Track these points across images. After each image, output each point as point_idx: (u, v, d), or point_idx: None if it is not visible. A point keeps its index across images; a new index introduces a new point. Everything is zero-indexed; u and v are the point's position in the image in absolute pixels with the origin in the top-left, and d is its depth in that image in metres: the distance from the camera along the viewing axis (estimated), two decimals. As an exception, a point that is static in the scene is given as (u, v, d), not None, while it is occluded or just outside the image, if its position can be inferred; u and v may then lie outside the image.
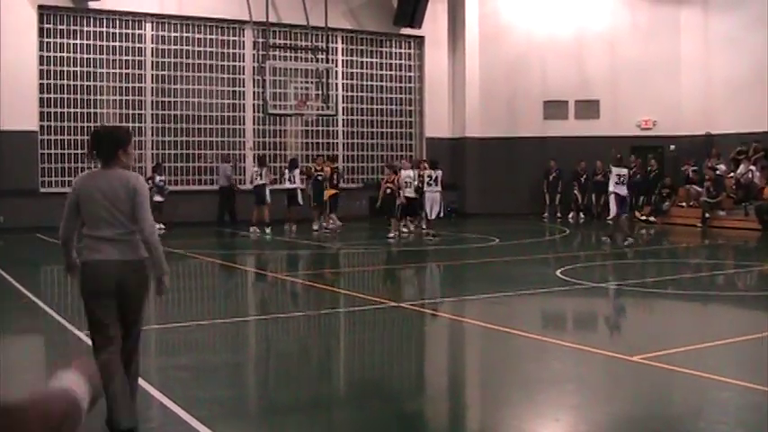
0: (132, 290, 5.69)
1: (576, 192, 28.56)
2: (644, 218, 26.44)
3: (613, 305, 12.07)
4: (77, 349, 8.57)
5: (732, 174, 25.40)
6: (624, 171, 19.69)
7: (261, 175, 23.29)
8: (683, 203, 26.47)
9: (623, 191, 19.36)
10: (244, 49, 27.16)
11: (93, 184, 5.73)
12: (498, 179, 26.40)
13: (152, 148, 25.91)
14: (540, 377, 7.54)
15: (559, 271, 14.29)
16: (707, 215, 24.62)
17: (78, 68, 24.81)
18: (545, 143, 28.75)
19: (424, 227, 21.57)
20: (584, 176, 28.39)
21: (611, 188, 19.55)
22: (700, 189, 25.62)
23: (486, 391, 7.44)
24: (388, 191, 21.53)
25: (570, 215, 28.16)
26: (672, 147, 29.03)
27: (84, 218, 5.76)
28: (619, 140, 28.45)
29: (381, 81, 29.55)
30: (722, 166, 25.92)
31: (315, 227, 22.94)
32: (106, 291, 5.61)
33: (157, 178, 23.77)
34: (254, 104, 27.03)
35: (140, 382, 7.00)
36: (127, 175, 5.76)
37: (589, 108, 29.56)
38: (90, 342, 5.80)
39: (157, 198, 23.48)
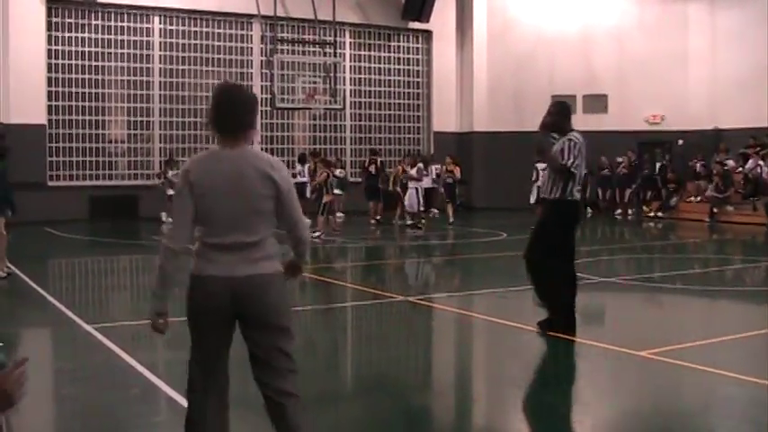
0: (264, 316, 4.17)
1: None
2: (651, 214, 26.39)
3: (620, 300, 12.04)
4: (85, 342, 8.60)
5: (740, 169, 25.34)
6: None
7: (303, 172, 23.25)
8: (692, 198, 26.41)
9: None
10: (252, 42, 27.18)
11: (215, 169, 4.12)
12: (505, 173, 26.37)
13: (160, 142, 25.94)
14: (547, 372, 7.53)
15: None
16: (714, 210, 24.56)
17: (86, 62, 24.87)
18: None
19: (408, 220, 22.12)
20: (586, 171, 28.27)
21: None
22: (708, 184, 25.56)
23: (492, 385, 7.43)
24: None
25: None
26: (680, 141, 28.98)
27: (199, 217, 4.13)
28: (627, 135, 28.50)
29: (389, 75, 29.55)
30: (731, 162, 25.86)
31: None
32: (220, 316, 4.17)
33: (170, 173, 23.82)
34: (261, 98, 26.99)
35: (148, 375, 7.04)
36: (260, 157, 4.22)
37: (597, 103, 29.51)
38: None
39: (170, 192, 23.52)
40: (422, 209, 22.10)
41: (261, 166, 4.10)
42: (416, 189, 21.92)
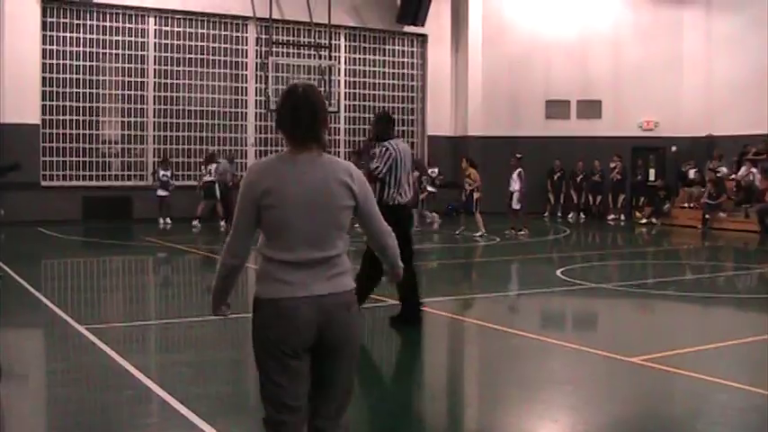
0: (343, 339, 3.78)
1: (572, 192, 28.65)
2: (644, 220, 26.44)
3: (613, 306, 12.07)
4: (78, 344, 8.60)
5: (733, 176, 25.41)
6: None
7: (211, 171, 23.65)
8: (685, 205, 26.47)
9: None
10: (247, 45, 27.16)
11: (291, 177, 3.71)
12: (499, 178, 26.34)
13: (154, 143, 25.90)
14: (539, 377, 7.55)
15: (560, 271, 14.30)
16: (707, 216, 24.63)
17: (81, 62, 24.82)
18: (546, 143, 28.74)
19: None
20: (581, 176, 28.46)
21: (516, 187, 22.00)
22: (702, 189, 25.60)
23: (484, 390, 7.45)
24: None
25: (570, 215, 28.21)
26: (673, 148, 29.04)
27: (269, 231, 3.74)
28: (620, 141, 28.54)
29: (384, 79, 29.56)
30: (724, 169, 25.92)
31: None
32: (301, 343, 3.70)
33: (161, 173, 23.84)
34: (256, 100, 27.04)
35: (141, 377, 7.04)
36: (339, 164, 3.83)
37: (591, 108, 29.56)
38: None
39: (161, 192, 23.55)
40: None
41: (340, 175, 3.75)
42: None
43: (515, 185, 22.25)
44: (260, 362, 3.78)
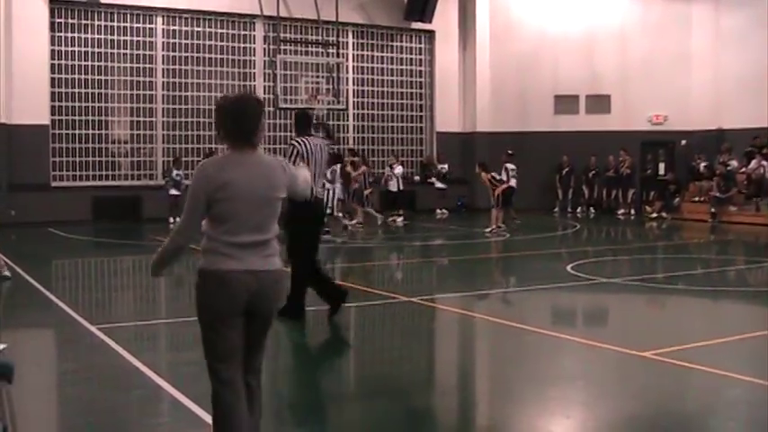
0: (271, 308, 4.55)
1: (583, 187, 28.62)
2: (654, 214, 26.36)
3: (624, 301, 12.03)
4: (89, 343, 8.61)
5: (744, 169, 25.32)
6: (514, 166, 21.74)
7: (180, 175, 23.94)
8: (696, 199, 26.39)
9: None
10: (254, 43, 27.20)
11: (237, 173, 4.34)
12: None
13: (163, 143, 25.95)
14: (550, 373, 7.53)
15: (570, 266, 14.27)
16: (713, 210, 24.55)
17: (89, 63, 24.90)
18: (556, 138, 28.70)
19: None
20: (594, 171, 28.42)
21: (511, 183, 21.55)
22: (712, 183, 25.51)
23: (496, 387, 7.43)
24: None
25: (579, 210, 28.17)
26: (683, 142, 28.95)
27: (219, 217, 4.33)
28: (630, 135, 28.51)
29: (392, 76, 29.57)
30: (734, 162, 25.83)
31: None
32: (238, 307, 4.36)
33: (174, 172, 23.88)
34: (264, 98, 26.86)
35: (152, 376, 7.06)
36: (273, 161, 4.57)
37: (600, 103, 29.51)
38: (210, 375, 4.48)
39: (174, 192, 23.55)
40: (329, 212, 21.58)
41: (277, 171, 4.46)
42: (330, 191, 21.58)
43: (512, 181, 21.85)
44: (203, 322, 4.39)
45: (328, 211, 21.28)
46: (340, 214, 21.89)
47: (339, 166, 22.83)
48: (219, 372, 4.38)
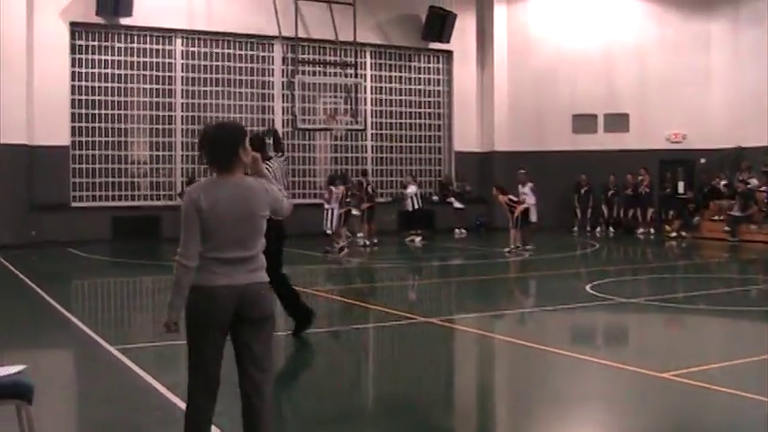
0: (258, 314, 4.78)
1: (603, 206, 28.52)
2: (674, 233, 26.20)
3: (644, 321, 11.96)
4: (107, 363, 8.63)
5: (764, 187, 25.18)
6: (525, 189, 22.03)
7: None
8: (716, 217, 26.24)
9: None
10: (273, 64, 27.34)
11: (221, 195, 4.67)
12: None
13: (182, 163, 26.09)
14: (569, 394, 7.49)
15: (589, 286, 14.21)
16: (727, 228, 24.40)
17: (109, 84, 25.10)
18: (574, 157, 28.65)
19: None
20: (613, 191, 28.33)
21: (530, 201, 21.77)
22: (732, 202, 25.39)
23: (514, 407, 7.40)
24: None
25: (598, 229, 28.07)
26: (702, 160, 28.84)
27: (205, 236, 4.65)
28: (648, 154, 28.42)
29: (410, 95, 29.64)
30: (754, 180, 25.69)
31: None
32: (224, 319, 4.68)
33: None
34: (283, 119, 27.17)
35: (171, 397, 7.05)
36: (256, 183, 4.85)
37: (618, 121, 29.47)
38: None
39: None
40: (329, 231, 21.42)
41: (258, 191, 4.77)
42: (329, 210, 21.60)
43: (531, 199, 21.93)
44: (191, 332, 4.71)
45: (328, 231, 21.32)
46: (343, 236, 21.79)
47: (343, 187, 22.94)
48: (197, 379, 4.79)
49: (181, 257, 4.64)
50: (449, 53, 29.95)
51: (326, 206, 21.87)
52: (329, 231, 21.40)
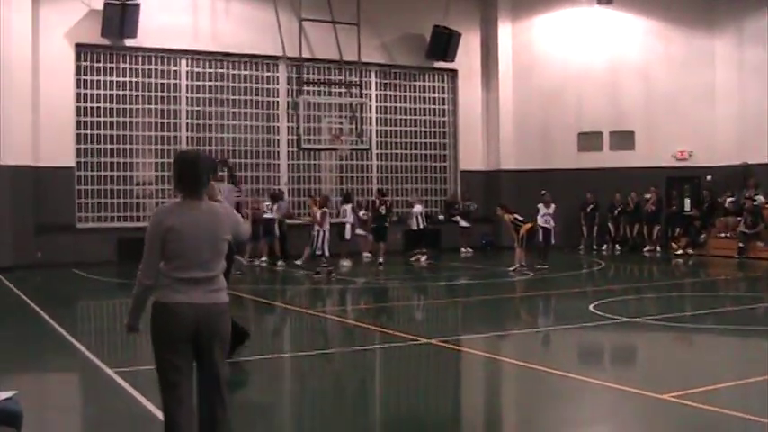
0: (215, 333, 5.13)
1: (609, 224, 28.44)
2: (680, 251, 26.10)
3: (647, 341, 11.87)
4: (107, 388, 8.59)
5: (770, 204, 25.10)
6: (544, 209, 22.10)
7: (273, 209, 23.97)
8: (722, 235, 26.13)
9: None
10: (278, 84, 27.37)
11: (186, 218, 5.05)
12: (533, 212, 26.35)
13: (187, 184, 26.07)
14: (571, 416, 7.43)
15: (593, 305, 14.12)
16: (741, 245, 24.31)
17: (115, 105, 25.13)
18: (580, 175, 28.60)
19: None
20: (619, 209, 28.25)
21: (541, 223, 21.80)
22: (738, 219, 25.29)
23: (516, 430, 7.34)
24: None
25: (605, 247, 27.99)
26: (708, 177, 28.76)
27: (170, 256, 5.03)
28: (654, 171, 28.35)
29: (415, 115, 29.64)
30: (761, 197, 25.60)
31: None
32: (185, 334, 5.05)
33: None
34: (288, 139, 27.18)
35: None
36: (219, 208, 5.31)
37: (624, 139, 29.41)
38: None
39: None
40: (318, 253, 20.45)
41: (221, 216, 5.16)
42: (320, 233, 20.75)
43: (552, 221, 22.12)
44: (156, 346, 5.09)
45: (318, 252, 20.88)
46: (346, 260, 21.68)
47: (350, 206, 22.90)
48: (167, 391, 5.10)
49: (141, 275, 5.07)
50: (454, 72, 29.97)
51: (317, 228, 20.85)
52: (320, 252, 20.69)
